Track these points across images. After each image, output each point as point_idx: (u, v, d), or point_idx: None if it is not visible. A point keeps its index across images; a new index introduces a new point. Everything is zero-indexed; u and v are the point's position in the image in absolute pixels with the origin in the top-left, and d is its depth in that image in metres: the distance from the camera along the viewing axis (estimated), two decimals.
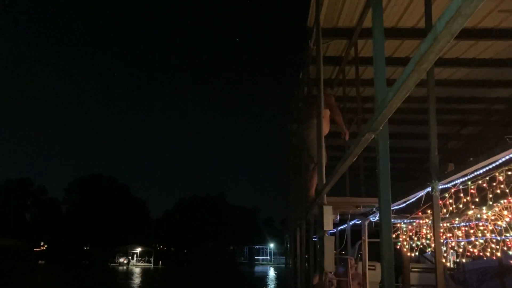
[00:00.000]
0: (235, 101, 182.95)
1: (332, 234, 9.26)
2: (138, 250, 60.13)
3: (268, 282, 33.80)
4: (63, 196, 76.74)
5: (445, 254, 6.08)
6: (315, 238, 7.78)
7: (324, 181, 5.26)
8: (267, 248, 73.79)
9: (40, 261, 59.30)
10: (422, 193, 4.69)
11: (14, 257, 49.90)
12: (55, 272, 40.44)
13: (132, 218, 72.01)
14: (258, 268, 57.75)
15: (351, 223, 8.12)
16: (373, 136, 2.72)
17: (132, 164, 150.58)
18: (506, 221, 4.12)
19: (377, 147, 2.65)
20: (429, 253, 9.24)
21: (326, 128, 6.83)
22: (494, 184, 3.93)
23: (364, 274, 7.76)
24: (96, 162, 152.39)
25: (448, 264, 10.22)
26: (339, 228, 10.71)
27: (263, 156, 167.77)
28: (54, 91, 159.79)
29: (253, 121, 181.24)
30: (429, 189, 4.27)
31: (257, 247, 74.28)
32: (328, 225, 5.12)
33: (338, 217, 7.01)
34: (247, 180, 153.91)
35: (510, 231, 4.16)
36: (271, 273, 46.39)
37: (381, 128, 2.59)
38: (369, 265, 7.87)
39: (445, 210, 4.69)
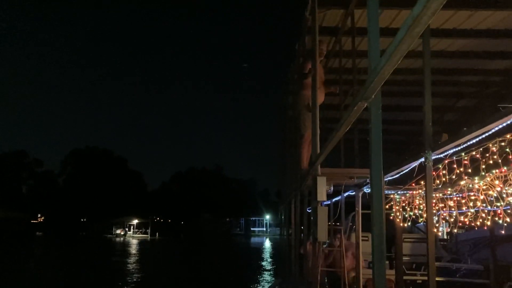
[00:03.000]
0: (231, 73, 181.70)
1: (326, 205, 9.34)
2: (135, 221, 60.68)
3: (264, 252, 34.32)
4: (59, 168, 76.89)
5: (437, 225, 6.15)
6: (309, 209, 7.84)
7: (318, 152, 5.26)
8: (263, 220, 74.64)
9: (37, 233, 59.83)
10: (415, 164, 4.69)
11: (11, 229, 50.29)
12: (50, 244, 40.83)
13: (128, 190, 72.33)
14: (253, 239, 58.57)
15: (345, 194, 8.18)
16: (365, 105, 2.69)
17: (129, 136, 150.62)
18: (497, 190, 4.14)
19: (369, 116, 2.63)
20: (422, 224, 9.35)
21: (320, 99, 6.79)
22: (487, 155, 3.93)
23: (357, 244, 7.86)
24: (92, 135, 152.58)
25: (439, 234, 10.38)
26: (333, 199, 10.78)
27: (260, 129, 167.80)
28: (50, 63, 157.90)
29: (249, 93, 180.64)
30: (423, 159, 4.27)
31: (253, 218, 75.15)
32: (321, 196, 5.15)
33: (332, 187, 7.04)
34: (244, 153, 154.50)
35: (501, 200, 4.18)
36: (267, 243, 47.05)
37: (373, 96, 2.56)
38: (362, 236, 7.97)
39: (438, 181, 4.71)
